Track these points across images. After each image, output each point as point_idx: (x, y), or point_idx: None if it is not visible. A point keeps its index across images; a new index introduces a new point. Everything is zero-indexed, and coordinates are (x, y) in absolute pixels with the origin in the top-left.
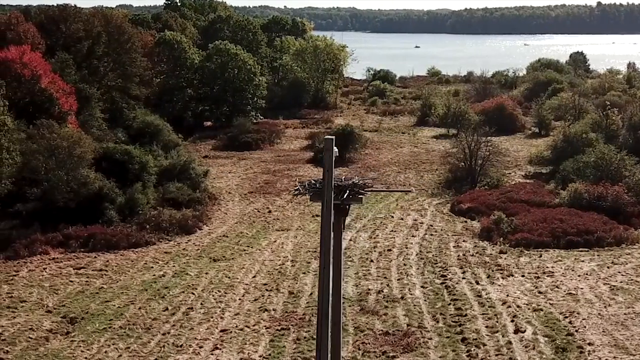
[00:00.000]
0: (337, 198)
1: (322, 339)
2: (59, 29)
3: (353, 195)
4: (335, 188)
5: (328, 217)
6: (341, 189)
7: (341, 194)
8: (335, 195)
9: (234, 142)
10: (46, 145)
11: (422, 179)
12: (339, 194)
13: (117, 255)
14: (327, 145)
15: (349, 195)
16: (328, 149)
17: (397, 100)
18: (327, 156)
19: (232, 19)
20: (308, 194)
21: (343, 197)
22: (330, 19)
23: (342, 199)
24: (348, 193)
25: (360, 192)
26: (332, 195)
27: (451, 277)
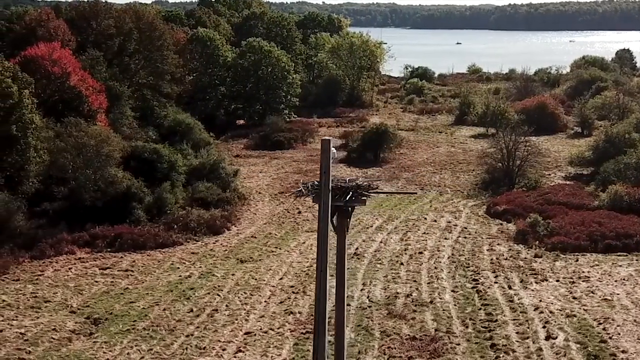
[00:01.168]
0: (340, 200)
1: (319, 343)
2: (90, 25)
3: (356, 197)
4: (337, 190)
5: (325, 219)
6: (344, 190)
7: (344, 195)
8: (338, 196)
9: (266, 141)
10: (74, 144)
11: (458, 180)
12: (341, 196)
13: (144, 255)
14: (324, 146)
15: (351, 197)
16: (325, 150)
17: (435, 99)
18: (324, 158)
19: (267, 16)
20: (310, 195)
21: (345, 199)
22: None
23: (344, 201)
24: (351, 195)
25: (363, 194)
26: (329, 197)
27: (483, 282)
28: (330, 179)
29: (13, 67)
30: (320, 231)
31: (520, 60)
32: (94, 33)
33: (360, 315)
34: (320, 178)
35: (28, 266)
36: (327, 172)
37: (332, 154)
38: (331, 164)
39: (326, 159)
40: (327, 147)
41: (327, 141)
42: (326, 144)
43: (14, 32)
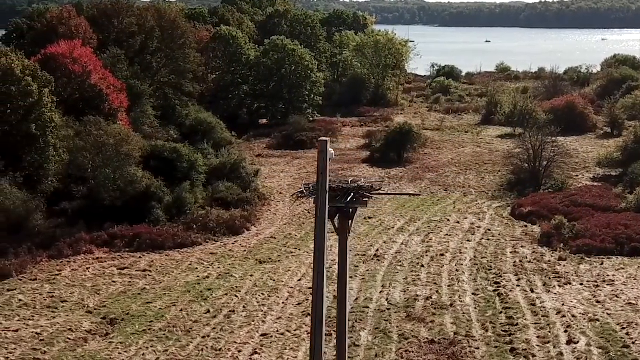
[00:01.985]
0: (341, 201)
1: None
2: (112, 23)
3: (357, 199)
4: (339, 191)
5: (322, 220)
6: (345, 191)
7: (345, 196)
8: (339, 198)
9: (288, 141)
10: (93, 143)
11: (483, 181)
12: (342, 197)
13: (162, 255)
14: (322, 147)
15: (353, 199)
16: (322, 151)
17: (461, 98)
18: (320, 158)
19: (290, 14)
20: (311, 196)
21: (347, 200)
22: (397, 13)
23: (345, 202)
24: (352, 196)
25: (365, 195)
26: (326, 198)
27: (505, 285)
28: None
29: (33, 65)
30: (317, 232)
31: (551, 59)
32: (115, 31)
33: (378, 317)
34: (318, 179)
35: (46, 266)
36: (324, 173)
37: (329, 154)
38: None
39: (323, 159)
40: (324, 147)
41: (325, 142)
42: (323, 145)
43: (35, 30)
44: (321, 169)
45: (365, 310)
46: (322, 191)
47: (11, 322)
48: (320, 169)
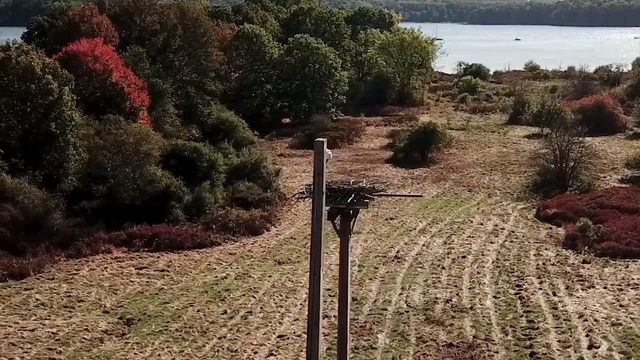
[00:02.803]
0: (342, 202)
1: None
2: (133, 21)
3: (358, 200)
4: (340, 192)
5: (319, 222)
6: (346, 192)
7: (346, 198)
8: (340, 199)
9: (311, 140)
10: (113, 141)
11: (508, 182)
12: (344, 198)
13: (181, 255)
14: (318, 148)
15: (353, 200)
16: (319, 152)
17: (488, 97)
18: (317, 159)
19: (315, 11)
20: (311, 197)
21: (347, 201)
22: (425, 10)
23: (346, 204)
24: (353, 197)
25: (366, 196)
26: (322, 200)
27: (527, 288)
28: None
29: (53, 63)
30: (313, 234)
31: (581, 58)
32: (137, 29)
33: (396, 320)
34: (314, 180)
35: (64, 265)
36: (320, 174)
37: (327, 155)
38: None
39: (320, 160)
40: (320, 148)
41: (321, 143)
42: (319, 146)
43: (57, 28)
44: (318, 169)
45: (383, 313)
46: (318, 192)
47: (27, 321)
48: (316, 169)
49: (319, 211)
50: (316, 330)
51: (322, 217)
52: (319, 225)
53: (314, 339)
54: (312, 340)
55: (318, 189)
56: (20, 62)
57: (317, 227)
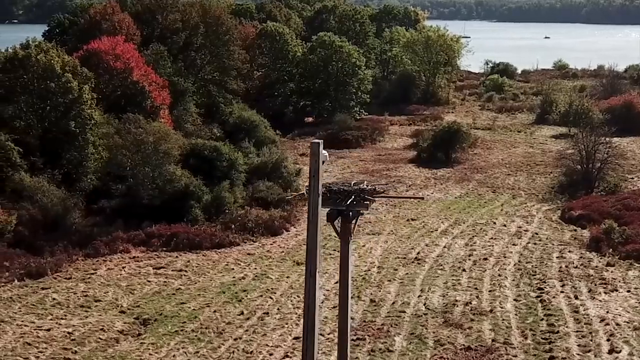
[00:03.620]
0: (342, 204)
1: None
2: (155, 19)
3: (358, 202)
4: (340, 193)
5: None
6: (346, 194)
7: (346, 199)
8: (340, 201)
9: (333, 140)
10: (132, 140)
11: (533, 183)
12: (343, 200)
13: (199, 255)
14: (313, 149)
15: (353, 202)
16: (314, 153)
17: (515, 96)
18: (312, 161)
19: (339, 9)
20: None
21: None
22: (454, 8)
23: (346, 205)
24: (353, 199)
25: (366, 198)
26: (318, 201)
27: (548, 291)
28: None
29: (73, 61)
30: (309, 235)
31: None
32: (159, 27)
33: (414, 323)
34: (310, 181)
35: (81, 264)
36: (316, 176)
37: (323, 157)
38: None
39: (315, 162)
40: (316, 150)
41: (317, 144)
42: (315, 147)
43: (78, 26)
44: (313, 171)
45: (401, 315)
46: (314, 194)
47: (44, 320)
48: (312, 171)
49: (314, 213)
50: (312, 333)
51: (318, 219)
52: (314, 227)
53: (309, 342)
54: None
55: (314, 190)
56: (39, 60)
57: (313, 228)
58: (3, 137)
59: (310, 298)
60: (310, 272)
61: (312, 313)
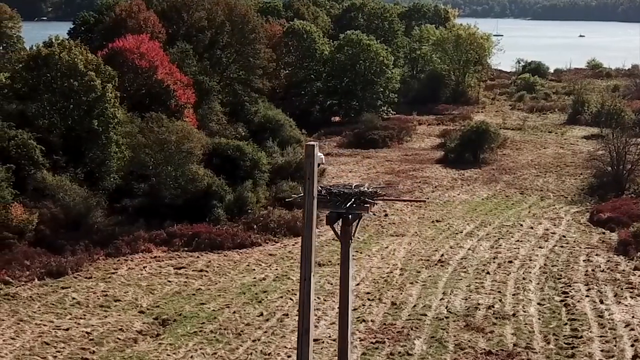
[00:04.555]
0: (341, 207)
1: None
2: (181, 17)
3: (358, 205)
4: (340, 196)
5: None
6: (346, 197)
7: (346, 202)
8: (340, 203)
9: (359, 139)
10: (155, 139)
11: (563, 184)
12: (343, 202)
13: (221, 255)
14: (308, 152)
15: (353, 204)
16: (309, 155)
17: (547, 96)
18: (307, 163)
19: (367, 7)
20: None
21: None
22: (487, 5)
23: (346, 208)
24: (353, 202)
25: (367, 201)
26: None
27: (573, 295)
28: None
29: (96, 60)
30: (304, 238)
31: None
32: (185, 25)
33: (435, 326)
34: (304, 184)
35: (102, 264)
36: (311, 178)
37: (319, 159)
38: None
39: (310, 164)
40: (311, 152)
41: (312, 146)
42: (310, 149)
43: (104, 23)
44: (308, 173)
45: (422, 318)
46: (309, 197)
47: (62, 320)
48: (307, 173)
49: (309, 215)
50: (306, 337)
51: (313, 222)
52: (309, 230)
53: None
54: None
55: (309, 193)
56: (63, 58)
57: (308, 231)
58: (26, 136)
59: (305, 302)
60: (305, 276)
61: (307, 316)
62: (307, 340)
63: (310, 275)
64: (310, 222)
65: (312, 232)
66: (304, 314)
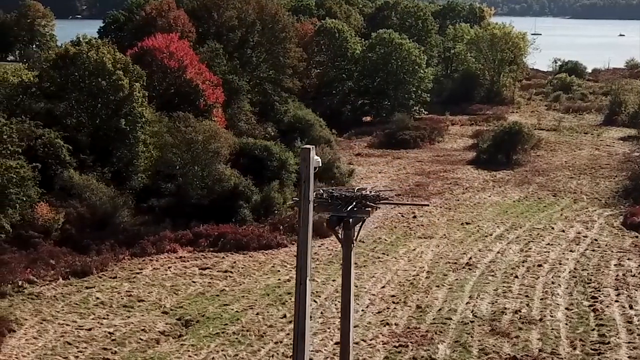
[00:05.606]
0: (342, 210)
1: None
2: (211, 16)
3: (359, 208)
4: (341, 199)
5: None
6: (348, 200)
7: (347, 205)
8: (341, 207)
9: (390, 140)
10: (182, 139)
11: (597, 187)
12: (344, 206)
13: (246, 256)
14: (303, 155)
15: (354, 208)
16: (304, 159)
17: (584, 96)
18: (303, 166)
19: (401, 5)
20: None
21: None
22: (525, 4)
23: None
24: (354, 205)
25: (368, 204)
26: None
27: (602, 300)
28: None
29: (125, 59)
30: (300, 242)
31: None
32: (215, 24)
33: (460, 330)
34: (300, 187)
35: (127, 264)
36: (306, 182)
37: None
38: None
39: (306, 167)
40: (306, 155)
41: (307, 150)
42: (305, 153)
43: (134, 22)
44: (304, 177)
45: (447, 322)
46: (304, 200)
47: (85, 320)
48: (303, 177)
49: (305, 219)
50: (302, 342)
51: (309, 226)
52: (305, 234)
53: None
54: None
55: (305, 197)
56: (90, 57)
57: (304, 235)
58: (53, 135)
59: (301, 306)
60: (300, 280)
61: (303, 321)
62: (302, 346)
63: (306, 279)
64: (306, 226)
65: (308, 236)
66: (300, 319)
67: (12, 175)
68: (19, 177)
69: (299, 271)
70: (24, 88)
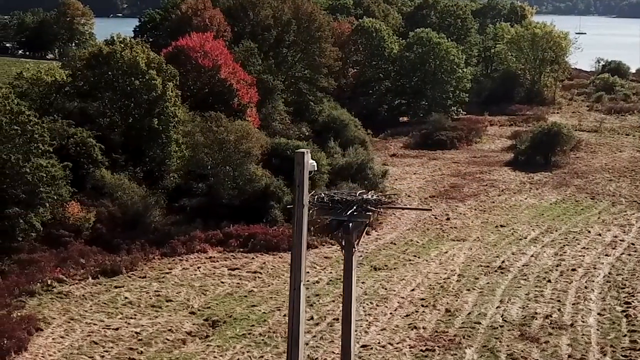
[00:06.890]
0: (342, 214)
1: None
2: (247, 15)
3: (359, 212)
4: (342, 203)
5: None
6: (348, 204)
7: (347, 209)
8: (341, 211)
9: (426, 140)
10: (213, 139)
11: (636, 190)
12: (345, 210)
13: (276, 257)
14: (298, 159)
15: (354, 212)
16: (299, 163)
17: (626, 97)
18: (297, 171)
19: (440, 4)
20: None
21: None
22: (570, 2)
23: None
24: (355, 209)
25: (369, 209)
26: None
27: (636, 305)
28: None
29: (158, 58)
30: (294, 246)
31: None
32: (250, 24)
33: (489, 335)
34: (295, 192)
35: (157, 263)
36: (301, 186)
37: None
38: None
39: (301, 172)
40: (301, 159)
41: (302, 154)
42: (300, 157)
43: (169, 21)
44: (298, 181)
45: (476, 326)
46: (299, 205)
47: (113, 319)
48: (297, 181)
49: (300, 224)
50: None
51: (303, 230)
52: (299, 238)
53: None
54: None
55: (299, 201)
56: (124, 56)
57: (298, 240)
58: (85, 134)
59: (295, 311)
60: (294, 285)
61: (297, 326)
62: (296, 353)
63: (300, 284)
64: (300, 231)
65: (303, 241)
66: (294, 325)
67: (42, 174)
68: (49, 176)
69: (293, 276)
70: (58, 87)
